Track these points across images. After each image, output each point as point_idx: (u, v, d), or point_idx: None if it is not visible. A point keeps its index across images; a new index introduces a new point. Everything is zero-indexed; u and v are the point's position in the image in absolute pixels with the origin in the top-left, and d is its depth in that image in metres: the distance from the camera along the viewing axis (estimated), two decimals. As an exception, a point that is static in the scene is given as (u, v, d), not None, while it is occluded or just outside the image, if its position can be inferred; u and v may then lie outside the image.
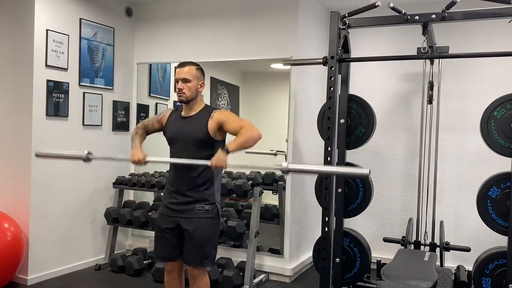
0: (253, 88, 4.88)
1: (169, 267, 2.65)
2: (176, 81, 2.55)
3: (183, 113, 2.61)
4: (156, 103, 4.81)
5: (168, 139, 2.63)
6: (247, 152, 2.72)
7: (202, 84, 2.61)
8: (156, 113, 4.76)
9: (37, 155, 2.91)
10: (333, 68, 3.04)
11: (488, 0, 2.69)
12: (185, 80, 2.53)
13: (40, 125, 3.70)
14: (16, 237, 3.50)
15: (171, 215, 2.56)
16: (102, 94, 4.28)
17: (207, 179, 2.53)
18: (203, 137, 2.49)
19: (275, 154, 4.26)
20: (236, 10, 4.20)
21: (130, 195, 4.62)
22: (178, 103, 2.64)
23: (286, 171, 2.21)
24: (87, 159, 2.62)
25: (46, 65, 3.73)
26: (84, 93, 4.09)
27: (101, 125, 4.30)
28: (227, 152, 2.34)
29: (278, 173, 4.16)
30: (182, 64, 2.59)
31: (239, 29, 4.17)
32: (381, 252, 4.10)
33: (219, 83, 4.74)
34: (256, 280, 3.79)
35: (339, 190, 3.30)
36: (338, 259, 3.28)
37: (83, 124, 4.10)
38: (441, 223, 3.77)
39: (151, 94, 4.76)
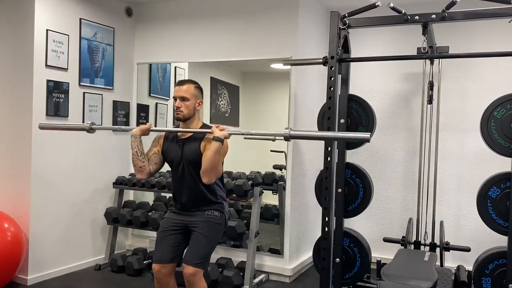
0: (253, 88, 4.88)
1: (159, 274, 2.56)
2: (174, 99, 2.56)
3: (180, 134, 2.61)
4: (156, 103, 4.81)
5: (169, 163, 2.65)
6: (245, 138, 3.02)
7: (200, 103, 2.61)
8: (156, 112, 4.79)
9: (41, 128, 2.92)
10: (333, 68, 3.04)
11: (488, 0, 2.69)
12: (183, 99, 2.53)
13: (40, 125, 3.70)
14: (16, 237, 3.50)
15: (179, 219, 2.60)
16: (102, 94, 4.28)
17: (211, 192, 2.56)
18: (198, 161, 2.49)
19: (273, 140, 4.30)
20: (236, 10, 4.19)
21: (130, 195, 4.61)
22: None
23: (288, 138, 2.21)
24: (90, 129, 2.64)
25: (46, 65, 3.73)
26: (84, 93, 4.09)
27: (101, 125, 4.30)
28: (219, 139, 2.41)
29: (278, 173, 4.17)
30: (181, 82, 2.59)
31: (239, 29, 4.17)
32: (381, 252, 4.11)
33: (219, 83, 4.74)
34: (256, 280, 3.79)
35: (339, 190, 3.30)
36: (338, 259, 3.28)
37: (83, 124, 4.10)
38: (441, 223, 3.78)
39: (151, 94, 4.76)
